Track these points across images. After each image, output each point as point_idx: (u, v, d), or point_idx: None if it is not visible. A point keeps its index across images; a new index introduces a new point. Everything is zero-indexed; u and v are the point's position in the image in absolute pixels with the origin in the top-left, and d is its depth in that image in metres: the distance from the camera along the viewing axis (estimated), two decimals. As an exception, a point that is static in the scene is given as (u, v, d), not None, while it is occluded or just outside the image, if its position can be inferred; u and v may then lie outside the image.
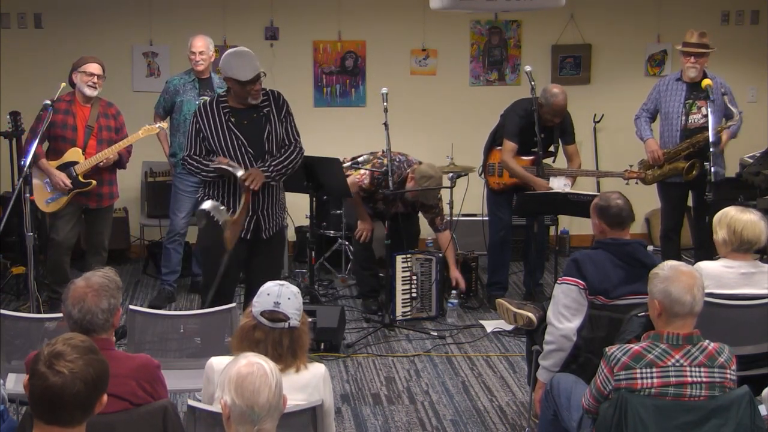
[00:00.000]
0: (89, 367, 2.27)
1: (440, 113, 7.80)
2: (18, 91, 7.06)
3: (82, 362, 2.26)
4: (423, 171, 5.92)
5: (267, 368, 2.48)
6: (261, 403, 2.42)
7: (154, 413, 2.91)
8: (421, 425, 4.57)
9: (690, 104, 6.04)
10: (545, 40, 7.90)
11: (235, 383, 2.44)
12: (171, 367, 3.79)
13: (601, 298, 3.76)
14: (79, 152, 5.69)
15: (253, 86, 4.68)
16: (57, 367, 2.24)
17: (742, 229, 3.88)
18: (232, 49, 4.79)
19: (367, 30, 7.75)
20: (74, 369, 2.24)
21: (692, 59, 6.00)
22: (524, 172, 6.06)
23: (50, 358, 2.26)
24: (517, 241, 6.80)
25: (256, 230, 4.82)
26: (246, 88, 4.68)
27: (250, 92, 4.70)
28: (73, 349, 2.28)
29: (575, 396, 3.49)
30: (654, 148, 6.09)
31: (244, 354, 2.56)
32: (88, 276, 3.02)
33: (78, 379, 2.24)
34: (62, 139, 5.68)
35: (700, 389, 3.01)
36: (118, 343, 4.31)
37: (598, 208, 3.95)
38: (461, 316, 6.16)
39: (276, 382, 2.47)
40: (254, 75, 4.64)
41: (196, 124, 4.78)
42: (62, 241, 5.80)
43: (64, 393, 2.23)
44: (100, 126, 5.73)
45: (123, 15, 7.48)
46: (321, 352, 5.33)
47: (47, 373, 2.24)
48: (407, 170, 6.02)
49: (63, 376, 2.23)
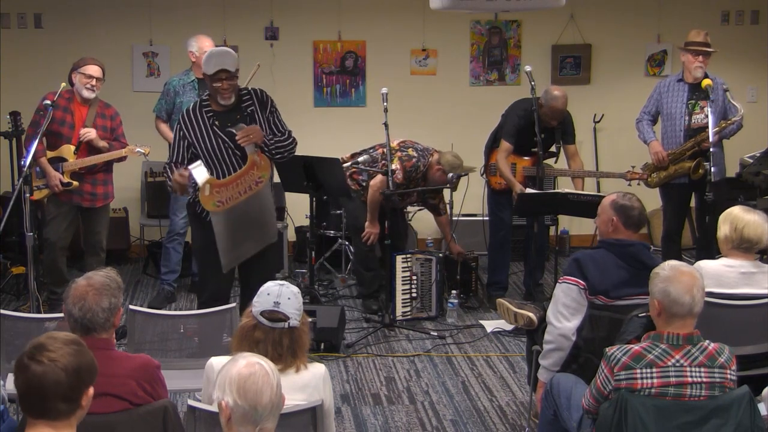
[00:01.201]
0: (70, 357, 2.31)
1: (440, 113, 7.80)
2: (18, 91, 7.06)
3: (62, 352, 2.31)
4: (451, 161, 6.03)
5: (267, 368, 2.48)
6: (264, 403, 2.43)
7: (154, 413, 2.91)
8: (421, 425, 4.57)
9: (693, 104, 6.02)
10: (545, 40, 7.90)
11: (237, 384, 2.43)
12: (171, 367, 3.79)
13: (602, 298, 3.76)
14: (71, 150, 5.70)
15: (220, 83, 4.62)
16: (38, 357, 2.29)
17: (744, 227, 3.88)
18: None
19: (367, 30, 7.75)
20: (54, 358, 2.29)
21: (700, 59, 5.96)
22: (508, 174, 6.10)
23: (32, 350, 2.32)
24: (517, 241, 6.80)
25: None
26: (212, 84, 4.64)
27: (217, 90, 4.64)
28: (55, 341, 2.34)
29: (575, 396, 3.49)
30: (658, 150, 6.06)
31: (242, 354, 2.55)
32: (90, 275, 3.03)
33: (58, 368, 2.28)
34: (58, 135, 5.68)
35: (700, 389, 3.01)
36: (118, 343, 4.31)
37: (619, 206, 3.90)
38: (461, 316, 6.16)
39: (277, 381, 2.48)
40: (216, 69, 4.59)
41: (180, 131, 4.76)
42: (56, 241, 5.81)
43: (44, 381, 2.27)
44: (95, 126, 5.73)
45: (123, 15, 7.48)
46: (321, 352, 5.33)
47: (29, 363, 2.29)
48: (429, 158, 6.10)
49: (43, 365, 2.28)
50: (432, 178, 6.11)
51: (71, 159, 5.69)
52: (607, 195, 4.07)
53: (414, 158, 6.04)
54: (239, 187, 4.69)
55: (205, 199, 4.63)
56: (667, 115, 6.14)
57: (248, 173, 4.71)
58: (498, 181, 6.29)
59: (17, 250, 6.25)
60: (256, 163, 4.71)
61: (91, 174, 5.77)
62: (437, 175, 6.07)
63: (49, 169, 5.64)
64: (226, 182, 4.67)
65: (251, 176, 4.72)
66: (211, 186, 4.62)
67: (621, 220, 3.89)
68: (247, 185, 4.71)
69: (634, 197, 3.95)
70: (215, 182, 4.64)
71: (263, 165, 4.74)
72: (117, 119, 5.89)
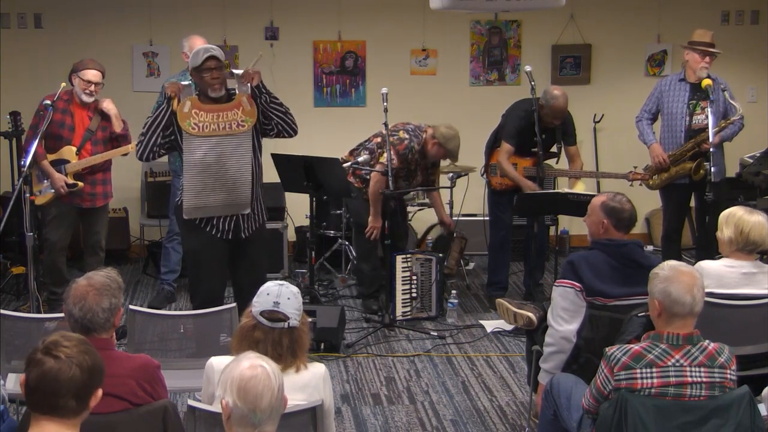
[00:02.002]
0: (86, 355, 2.33)
1: (440, 113, 7.76)
2: (18, 91, 7.07)
3: (78, 350, 2.33)
4: (445, 134, 6.03)
5: (269, 370, 2.47)
6: (263, 407, 2.42)
7: (154, 413, 2.91)
8: (421, 425, 4.57)
9: (694, 105, 6.00)
10: (545, 40, 7.90)
11: (238, 386, 2.43)
12: (171, 367, 3.79)
13: (601, 299, 3.76)
14: (72, 151, 5.70)
15: (209, 73, 4.54)
16: (54, 352, 2.31)
17: (750, 231, 3.89)
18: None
19: (367, 30, 7.75)
20: (71, 354, 2.31)
21: (707, 59, 5.93)
22: (515, 173, 6.09)
23: (47, 345, 2.33)
24: (517, 241, 6.80)
25: (236, 230, 4.75)
26: (201, 76, 4.57)
27: (206, 80, 4.56)
28: (69, 339, 2.36)
29: (575, 396, 3.48)
30: (659, 153, 6.03)
31: (246, 354, 2.55)
32: (90, 275, 3.03)
33: (74, 364, 2.30)
34: (58, 137, 5.67)
35: (700, 389, 3.01)
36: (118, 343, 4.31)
37: (609, 208, 3.91)
38: (461, 316, 6.16)
39: (278, 385, 2.47)
40: (205, 57, 4.52)
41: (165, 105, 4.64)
42: (56, 242, 5.81)
43: (60, 376, 2.28)
44: (100, 127, 5.74)
45: (123, 15, 7.48)
46: (321, 352, 5.33)
47: (44, 358, 2.30)
48: (422, 135, 6.09)
49: (60, 361, 2.29)
50: (430, 153, 6.11)
51: (73, 160, 5.69)
52: (597, 195, 4.08)
53: (405, 140, 6.01)
54: (219, 120, 4.56)
55: (182, 116, 4.51)
56: (668, 114, 6.12)
57: (232, 110, 4.59)
58: (498, 181, 6.29)
59: (17, 250, 6.26)
60: (242, 104, 4.59)
61: (90, 174, 5.77)
62: (434, 150, 6.07)
63: (53, 172, 5.64)
64: (208, 108, 4.55)
65: (235, 114, 4.59)
66: (192, 104, 4.52)
67: (612, 223, 3.90)
68: (228, 122, 4.59)
69: (624, 198, 3.95)
70: (197, 103, 4.53)
71: (249, 110, 4.61)
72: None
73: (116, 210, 7.37)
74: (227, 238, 4.75)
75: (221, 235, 4.72)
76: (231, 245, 4.79)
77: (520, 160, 6.19)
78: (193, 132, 4.55)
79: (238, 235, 4.76)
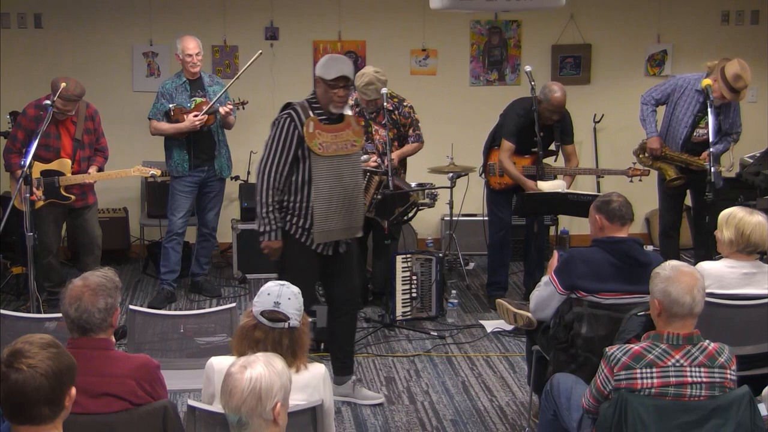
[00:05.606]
0: (49, 361, 2.29)
1: (440, 113, 7.79)
2: (18, 91, 7.06)
3: (40, 357, 2.28)
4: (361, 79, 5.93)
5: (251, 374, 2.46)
6: (231, 406, 2.45)
7: (154, 413, 2.91)
8: (421, 425, 4.57)
9: (700, 118, 6.00)
10: (545, 40, 7.90)
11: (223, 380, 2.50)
12: (171, 367, 3.79)
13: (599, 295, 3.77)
14: (67, 165, 5.71)
15: (338, 90, 4.40)
16: (16, 364, 2.27)
17: (751, 232, 3.89)
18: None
19: (367, 30, 7.75)
20: (33, 364, 2.27)
21: (735, 96, 5.87)
22: (516, 173, 6.08)
23: (9, 357, 2.29)
24: (517, 241, 6.80)
25: (336, 245, 4.61)
26: (329, 90, 4.42)
27: (332, 97, 4.42)
28: (32, 346, 2.31)
29: (575, 396, 3.49)
30: (656, 146, 6.07)
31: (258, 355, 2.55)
32: (87, 275, 3.02)
33: (38, 374, 2.26)
34: (45, 147, 5.63)
35: (700, 389, 3.01)
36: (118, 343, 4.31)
37: (599, 203, 3.98)
38: (461, 316, 6.16)
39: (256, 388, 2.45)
40: (337, 75, 4.36)
41: (291, 132, 4.44)
42: (50, 244, 5.83)
43: (25, 389, 2.25)
44: (85, 130, 5.77)
45: (123, 15, 7.48)
46: (321, 352, 5.33)
47: (7, 372, 2.27)
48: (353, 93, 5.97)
49: (23, 372, 2.26)
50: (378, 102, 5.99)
51: (68, 173, 5.72)
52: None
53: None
54: (338, 140, 4.48)
55: (309, 136, 4.41)
56: (673, 116, 6.11)
57: (345, 130, 4.53)
58: (497, 181, 6.29)
59: (17, 250, 6.26)
60: (351, 125, 4.55)
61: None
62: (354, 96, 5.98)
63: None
64: (327, 128, 4.47)
65: (348, 135, 4.54)
66: (315, 124, 4.45)
67: (604, 216, 3.94)
68: (344, 142, 4.52)
69: (613, 193, 4.03)
70: (318, 123, 4.45)
71: (358, 130, 4.59)
72: (97, 118, 5.94)
73: (116, 210, 7.38)
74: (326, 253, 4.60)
75: (320, 250, 4.57)
76: (325, 259, 4.63)
77: (519, 159, 6.18)
78: (320, 152, 4.44)
79: (337, 248, 4.64)
